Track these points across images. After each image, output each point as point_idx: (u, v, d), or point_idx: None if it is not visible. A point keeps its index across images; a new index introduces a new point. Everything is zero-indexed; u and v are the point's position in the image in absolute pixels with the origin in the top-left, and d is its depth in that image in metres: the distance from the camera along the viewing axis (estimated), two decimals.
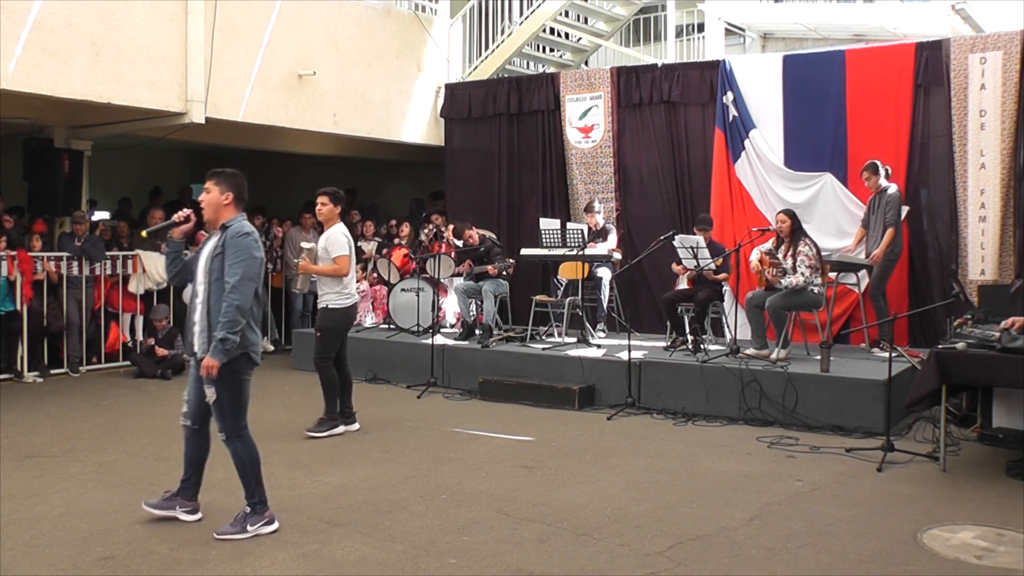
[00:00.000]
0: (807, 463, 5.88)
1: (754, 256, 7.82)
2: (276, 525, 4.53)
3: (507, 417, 7.35)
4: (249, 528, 4.44)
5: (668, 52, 12.85)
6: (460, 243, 9.73)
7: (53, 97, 8.17)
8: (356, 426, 6.80)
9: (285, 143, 12.00)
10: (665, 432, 6.82)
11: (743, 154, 9.34)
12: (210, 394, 4.39)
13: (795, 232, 7.62)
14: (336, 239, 6.63)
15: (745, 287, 8.19)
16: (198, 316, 4.44)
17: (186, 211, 4.60)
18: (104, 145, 10.80)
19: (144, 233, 5.63)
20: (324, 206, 6.73)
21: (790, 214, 7.72)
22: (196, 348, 4.45)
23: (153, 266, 9.67)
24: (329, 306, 6.67)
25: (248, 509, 4.50)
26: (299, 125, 10.31)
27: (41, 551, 4.24)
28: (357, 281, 10.59)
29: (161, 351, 9.19)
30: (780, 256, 7.65)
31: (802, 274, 7.43)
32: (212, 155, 14.36)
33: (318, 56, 10.31)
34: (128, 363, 9.60)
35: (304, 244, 7.05)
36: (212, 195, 4.50)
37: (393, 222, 11.79)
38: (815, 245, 7.62)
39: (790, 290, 7.47)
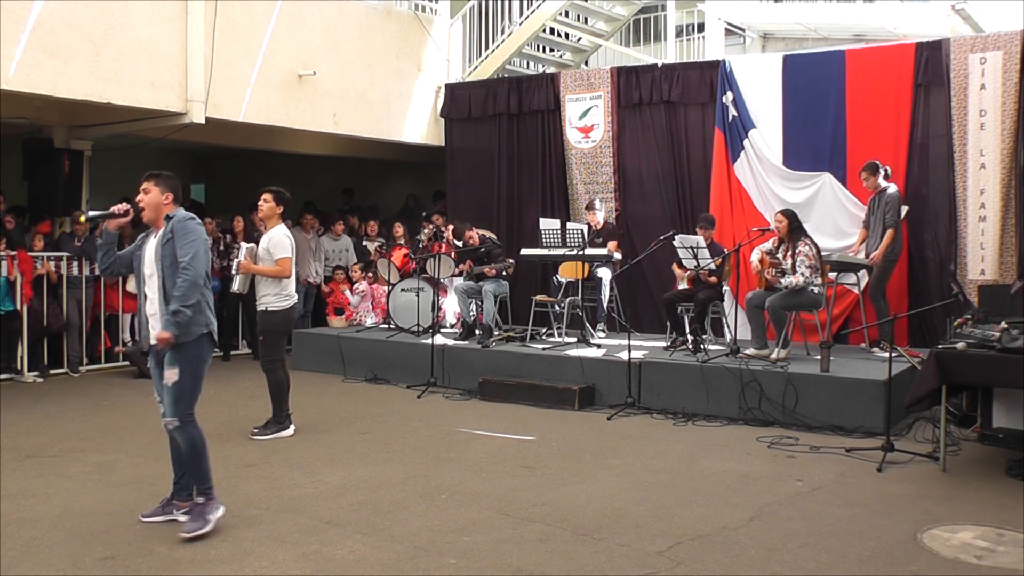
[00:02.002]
0: (807, 463, 5.88)
1: (755, 256, 7.82)
2: (224, 509, 4.55)
3: (507, 417, 7.35)
4: (210, 518, 4.44)
5: (668, 52, 12.85)
6: (460, 243, 9.73)
7: (53, 97, 8.18)
8: (292, 430, 6.68)
9: (285, 143, 12.01)
10: (665, 432, 6.82)
11: (742, 154, 9.35)
12: (171, 375, 4.40)
13: (794, 232, 7.61)
14: (279, 240, 6.51)
15: (745, 287, 8.20)
16: (155, 305, 4.50)
17: (125, 204, 4.63)
18: (104, 145, 10.81)
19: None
20: (266, 203, 6.58)
21: (788, 214, 7.71)
22: (152, 336, 4.48)
23: None
24: (269, 308, 6.57)
25: (201, 499, 4.49)
26: (299, 125, 10.32)
27: (41, 551, 4.24)
28: (356, 281, 10.68)
29: None
30: (780, 256, 7.65)
31: (802, 274, 7.43)
32: (212, 155, 14.42)
33: (318, 56, 10.32)
34: (128, 363, 9.60)
35: (244, 243, 6.98)
36: (152, 195, 4.58)
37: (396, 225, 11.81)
38: (815, 245, 7.62)
39: (790, 290, 7.47)
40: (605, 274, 9.21)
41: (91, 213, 4.85)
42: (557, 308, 9.33)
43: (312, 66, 10.19)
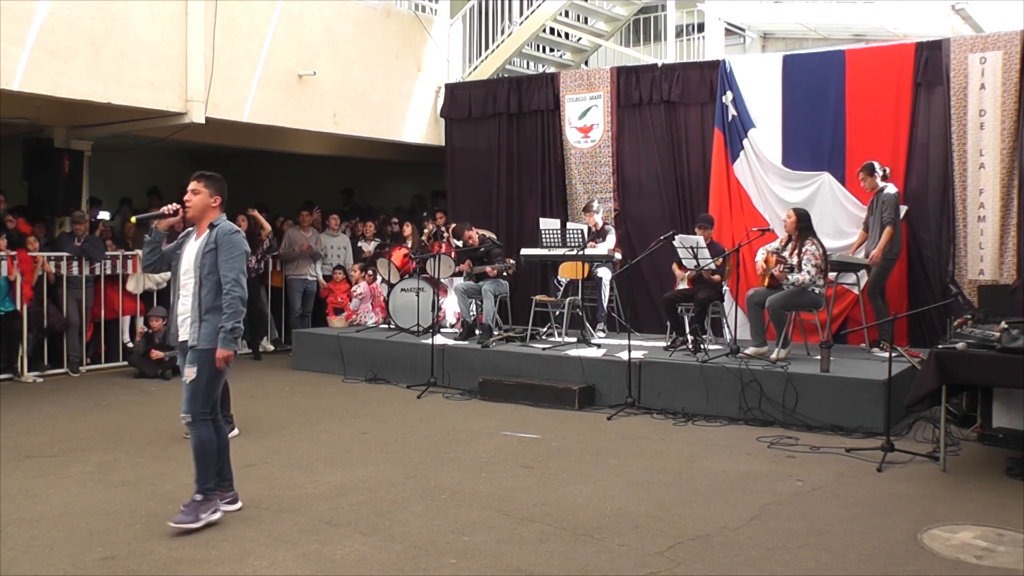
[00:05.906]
0: (807, 463, 5.88)
1: (760, 256, 7.81)
2: (220, 514, 4.63)
3: (507, 417, 7.35)
4: (202, 517, 4.52)
5: (668, 52, 12.85)
6: (460, 243, 9.73)
7: (53, 97, 8.18)
8: (236, 432, 6.49)
9: (285, 143, 12.01)
10: (665, 432, 6.82)
11: (742, 154, 9.34)
12: (189, 373, 4.54)
13: (803, 231, 7.61)
14: None
15: (745, 287, 8.19)
16: (187, 307, 4.63)
17: (175, 205, 4.78)
18: (104, 145, 10.81)
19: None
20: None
21: (800, 212, 7.70)
22: (186, 337, 4.61)
23: None
24: None
25: (199, 497, 4.56)
26: (299, 125, 10.32)
27: (41, 551, 4.24)
28: (356, 282, 10.67)
29: (157, 354, 9.08)
30: (786, 255, 7.65)
31: (808, 272, 7.42)
32: (212, 155, 14.40)
33: (318, 56, 10.32)
34: (127, 363, 9.60)
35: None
36: (201, 196, 4.69)
37: (395, 220, 11.80)
38: (822, 246, 7.62)
39: (794, 288, 7.45)
40: (605, 274, 9.21)
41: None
42: (556, 312, 9.33)
43: (312, 66, 10.19)
